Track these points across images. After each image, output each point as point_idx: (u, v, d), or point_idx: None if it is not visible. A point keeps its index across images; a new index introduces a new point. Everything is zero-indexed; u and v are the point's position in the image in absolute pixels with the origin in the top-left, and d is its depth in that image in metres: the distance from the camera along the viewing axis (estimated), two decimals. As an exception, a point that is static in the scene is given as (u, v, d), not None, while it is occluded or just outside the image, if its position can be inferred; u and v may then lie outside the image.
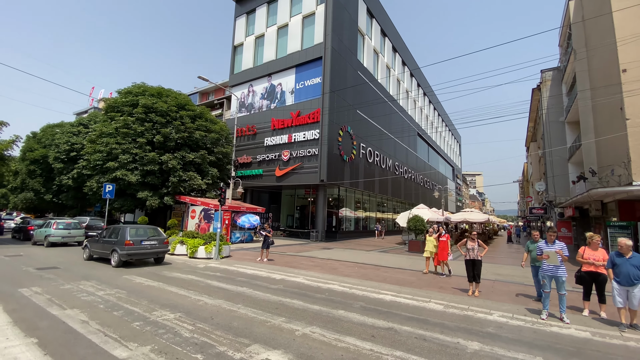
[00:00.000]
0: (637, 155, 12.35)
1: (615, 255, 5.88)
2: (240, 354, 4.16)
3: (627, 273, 5.58)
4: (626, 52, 13.05)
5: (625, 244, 5.79)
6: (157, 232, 12.19)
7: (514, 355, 4.40)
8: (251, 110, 27.44)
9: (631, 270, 5.57)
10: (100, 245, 11.75)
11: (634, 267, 5.58)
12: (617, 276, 5.75)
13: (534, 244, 7.39)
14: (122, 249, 10.71)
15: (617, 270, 5.74)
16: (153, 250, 11.45)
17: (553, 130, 23.26)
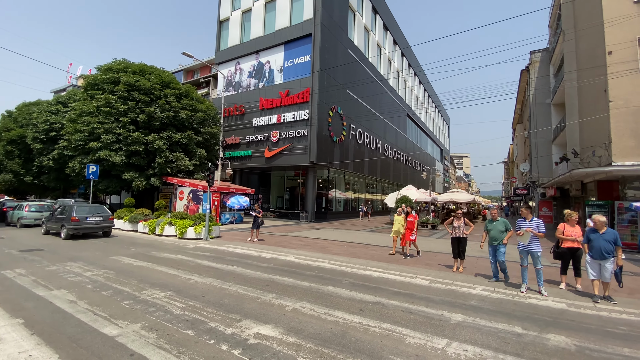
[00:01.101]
0: (617, 137, 12.71)
1: (590, 231, 6.15)
2: (231, 329, 4.24)
3: (599, 247, 5.88)
4: (612, 34, 13.14)
5: (599, 220, 6.04)
6: (102, 209, 14.01)
7: (494, 325, 4.63)
8: (239, 89, 26.73)
9: (603, 245, 5.86)
10: (53, 221, 13.52)
11: (607, 241, 5.86)
12: (590, 250, 6.04)
13: (492, 223, 7.19)
14: (70, 224, 12.52)
15: (591, 245, 6.03)
16: (98, 225, 13.32)
17: (539, 111, 23.58)
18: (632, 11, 12.89)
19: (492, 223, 7.21)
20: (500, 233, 6.98)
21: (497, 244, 6.96)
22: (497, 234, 6.99)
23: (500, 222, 7.09)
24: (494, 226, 7.11)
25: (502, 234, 6.97)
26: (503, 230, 6.99)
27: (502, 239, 6.90)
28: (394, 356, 3.61)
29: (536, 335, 4.31)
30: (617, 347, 4.02)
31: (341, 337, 4.06)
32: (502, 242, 6.88)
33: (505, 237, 6.93)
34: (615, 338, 4.30)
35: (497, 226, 7.06)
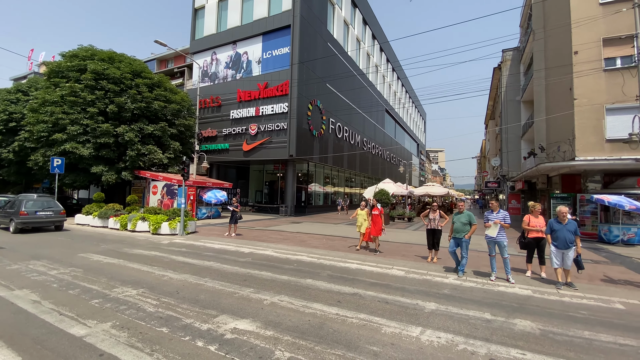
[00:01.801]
0: (581, 133, 13.48)
1: (554, 222, 6.45)
2: (207, 325, 4.17)
3: (564, 238, 6.20)
4: (579, 35, 13.82)
5: (562, 212, 6.37)
6: (53, 204, 13.89)
7: (465, 312, 4.83)
8: (215, 80, 25.98)
9: (567, 235, 6.19)
10: (2, 216, 13.46)
11: (570, 232, 6.20)
12: (555, 240, 6.33)
13: (457, 216, 7.15)
14: (18, 218, 12.47)
15: (555, 235, 6.33)
16: (49, 220, 13.28)
17: (510, 108, 24.59)
18: (598, 13, 13.58)
19: (457, 215, 7.21)
20: (464, 226, 6.99)
21: (459, 236, 6.97)
22: (461, 227, 7.01)
23: (464, 215, 7.06)
24: (458, 219, 7.12)
25: (465, 226, 6.98)
26: (466, 223, 6.99)
27: (465, 233, 6.91)
28: (370, 345, 3.68)
29: (504, 321, 4.54)
30: (578, 330, 4.30)
31: (319, 329, 4.09)
32: (464, 236, 6.91)
33: (468, 230, 6.93)
34: (576, 322, 4.60)
35: (461, 218, 7.06)
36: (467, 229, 6.94)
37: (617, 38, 13.16)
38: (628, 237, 12.50)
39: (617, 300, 5.63)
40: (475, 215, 7.55)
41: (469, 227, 6.94)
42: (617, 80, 12.94)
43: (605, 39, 13.39)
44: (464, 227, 6.96)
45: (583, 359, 3.52)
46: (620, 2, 13.07)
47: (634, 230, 12.33)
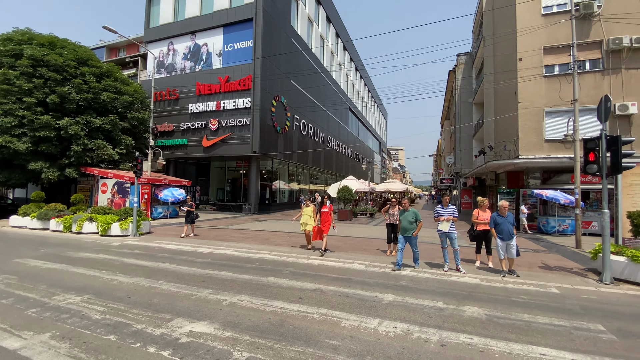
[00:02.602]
0: (524, 134, 14.72)
1: (497, 215, 6.96)
2: (161, 330, 3.95)
3: (507, 230, 6.75)
4: (523, 43, 15.04)
5: (502, 206, 6.91)
6: None
7: (420, 302, 5.07)
8: (172, 71, 24.61)
9: (509, 227, 6.76)
10: None
11: (510, 224, 6.78)
12: (500, 233, 6.83)
13: (404, 214, 7.18)
14: None
15: (499, 229, 6.83)
16: None
17: (463, 109, 26.18)
18: (540, 23, 14.86)
19: (403, 213, 7.21)
20: (410, 224, 7.05)
21: (407, 235, 7.07)
22: (407, 225, 7.07)
23: (410, 213, 7.12)
24: (404, 217, 7.13)
25: (412, 225, 7.06)
26: (413, 221, 7.06)
27: (413, 231, 7.02)
28: (329, 339, 3.73)
29: (455, 308, 4.83)
30: (519, 313, 4.71)
31: (279, 327, 4.06)
32: (412, 234, 7.02)
33: (415, 228, 7.04)
34: (517, 306, 5.03)
35: (408, 217, 7.10)
36: (414, 227, 7.06)
37: (556, 47, 14.51)
38: (563, 228, 13.93)
39: (553, 285, 6.24)
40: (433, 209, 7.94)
41: (416, 225, 7.08)
42: (555, 86, 14.29)
43: (545, 47, 14.71)
44: (411, 226, 7.06)
45: (522, 339, 3.85)
46: (560, 14, 14.42)
47: (568, 222, 13.76)
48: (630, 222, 7.16)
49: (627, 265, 6.50)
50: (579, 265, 8.01)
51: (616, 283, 6.40)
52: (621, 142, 6.50)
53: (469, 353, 3.49)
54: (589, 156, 6.88)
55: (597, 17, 13.92)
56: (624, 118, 13.49)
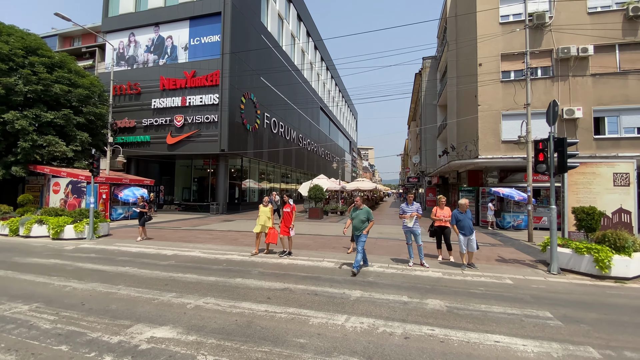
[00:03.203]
0: (483, 135, 15.59)
1: (458, 212, 7.30)
2: (119, 337, 3.74)
3: (468, 226, 7.13)
4: (483, 49, 15.92)
5: (463, 204, 7.28)
6: None
7: (386, 297, 5.22)
8: (133, 64, 23.29)
9: (469, 223, 7.14)
10: None
11: (470, 219, 7.18)
12: (461, 229, 7.16)
13: (356, 212, 6.98)
14: None
15: (461, 225, 7.17)
16: None
17: (428, 111, 27.25)
18: (498, 31, 15.80)
19: (355, 211, 7.01)
20: (362, 223, 6.85)
21: (358, 233, 6.85)
22: (359, 224, 6.87)
23: (362, 212, 6.92)
24: (356, 215, 6.94)
25: (364, 223, 6.85)
26: (364, 219, 6.87)
27: (363, 229, 6.79)
28: (297, 338, 3.73)
29: (418, 302, 5.03)
30: (477, 304, 4.99)
31: (246, 328, 3.99)
32: (362, 232, 6.78)
33: (366, 227, 6.82)
34: (475, 297, 5.33)
35: (360, 215, 6.91)
36: (365, 225, 6.82)
37: (512, 54, 15.52)
38: (517, 223, 14.96)
39: (507, 276, 6.68)
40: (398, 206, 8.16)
41: (367, 224, 6.85)
42: (510, 91, 15.29)
43: (503, 54, 15.69)
44: (362, 224, 6.85)
45: (479, 328, 4.09)
46: (515, 23, 15.42)
47: (522, 217, 14.80)
48: (575, 217, 7.83)
49: (571, 257, 7.12)
50: (531, 258, 8.65)
51: (562, 273, 6.99)
52: (567, 143, 7.09)
53: (430, 344, 3.65)
54: (539, 156, 7.44)
55: (549, 27, 15.06)
56: (571, 121, 14.73)
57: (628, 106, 14.28)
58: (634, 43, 14.31)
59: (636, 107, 14.20)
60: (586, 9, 14.82)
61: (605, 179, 8.32)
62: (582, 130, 14.57)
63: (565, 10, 14.88)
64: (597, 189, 8.35)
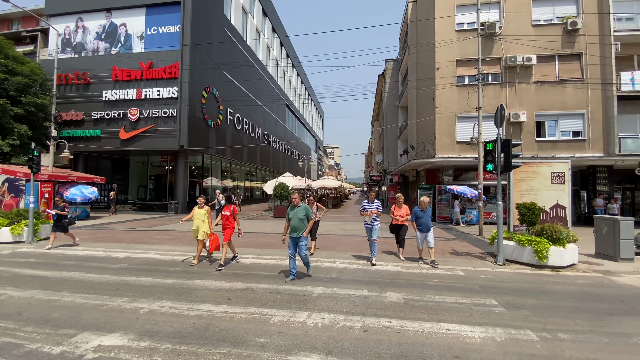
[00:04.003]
0: (440, 136, 16.44)
1: (418, 210, 7.57)
2: (61, 347, 3.44)
3: (426, 224, 7.43)
4: (440, 54, 16.75)
5: (423, 202, 7.56)
6: None
7: (347, 292, 5.35)
8: (81, 52, 21.44)
9: (428, 221, 7.44)
10: None
11: (429, 217, 7.44)
12: (419, 226, 7.48)
13: (293, 210, 6.04)
14: None
15: (420, 222, 7.48)
16: None
17: (390, 112, 28.17)
18: (454, 37, 16.71)
19: (293, 210, 6.07)
20: (301, 222, 5.95)
21: (297, 235, 5.94)
22: (298, 223, 5.93)
23: (300, 210, 6.02)
24: (294, 214, 6.01)
25: (303, 222, 5.97)
26: (303, 217, 5.99)
27: (303, 230, 5.93)
28: (257, 337, 3.69)
29: (377, 295, 5.21)
30: (431, 295, 5.28)
31: (204, 330, 3.87)
32: (302, 234, 5.93)
33: (306, 227, 5.99)
34: (430, 289, 5.63)
35: (298, 214, 5.99)
36: (304, 225, 5.99)
37: (466, 60, 16.50)
38: (469, 218, 16.00)
39: (459, 268, 7.13)
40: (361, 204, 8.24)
41: (307, 223, 6.05)
42: (464, 94, 16.27)
43: (458, 59, 16.63)
44: (301, 224, 5.95)
45: (433, 318, 4.33)
46: (470, 31, 16.39)
47: (474, 213, 15.85)
48: (518, 212, 8.56)
49: (515, 248, 7.77)
50: (480, 250, 9.31)
51: (508, 264, 7.61)
52: (511, 145, 7.71)
53: (388, 335, 3.80)
54: (487, 156, 8.02)
55: (499, 36, 16.22)
56: (516, 125, 16.02)
57: (565, 112, 15.84)
58: (571, 54, 15.89)
59: (572, 112, 15.78)
60: (531, 21, 16.17)
61: (544, 177, 9.17)
62: (526, 133, 15.91)
63: (513, 22, 16.12)
64: (537, 186, 9.17)
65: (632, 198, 17.25)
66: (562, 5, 16.14)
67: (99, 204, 21.81)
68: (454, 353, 3.40)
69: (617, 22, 15.50)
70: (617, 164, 15.79)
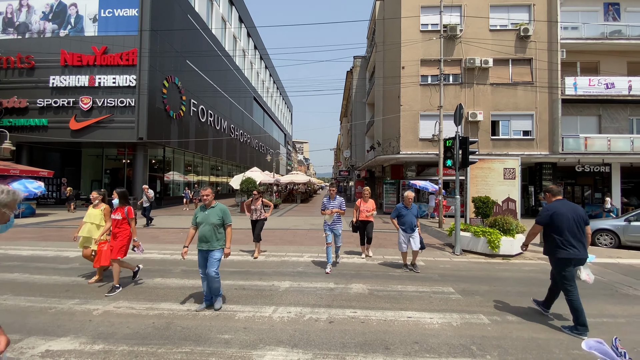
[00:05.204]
0: (404, 133, 16.99)
1: (402, 207, 6.48)
2: (4, 355, 3.14)
3: (410, 222, 6.34)
4: (405, 53, 17.24)
5: (408, 197, 6.48)
6: None
7: (314, 285, 5.41)
8: (25, 32, 19.40)
9: (413, 220, 6.36)
10: None
11: (414, 216, 6.41)
12: (402, 225, 6.38)
13: (204, 212, 4.32)
14: None
15: (403, 220, 6.37)
16: None
17: (358, 108, 28.63)
18: (418, 38, 17.24)
19: (204, 212, 4.33)
20: (213, 229, 4.22)
21: (207, 248, 4.21)
22: (209, 231, 4.20)
23: (214, 212, 4.30)
24: (205, 217, 4.26)
25: (217, 231, 4.26)
26: (218, 223, 4.26)
27: (218, 242, 4.25)
28: (221, 334, 3.63)
29: (343, 287, 5.33)
30: (394, 285, 5.49)
31: (165, 330, 3.73)
32: (218, 246, 4.25)
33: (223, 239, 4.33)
34: (393, 279, 5.86)
35: (210, 217, 4.25)
36: (219, 234, 4.28)
37: (429, 60, 17.13)
38: (431, 211, 16.76)
39: (420, 259, 7.46)
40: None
41: (223, 233, 4.35)
42: (427, 94, 16.92)
43: (422, 59, 17.23)
44: (214, 232, 4.22)
45: (395, 307, 4.52)
46: (433, 32, 17.00)
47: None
48: (474, 205, 9.14)
49: (471, 239, 8.30)
50: (440, 241, 9.84)
51: (464, 254, 8.11)
52: (469, 142, 8.18)
53: (353, 325, 3.91)
54: (447, 152, 8.44)
55: (459, 39, 17.01)
56: (474, 124, 16.99)
57: (517, 112, 17.05)
58: (523, 59, 17.10)
59: (523, 113, 17.03)
60: (488, 26, 17.14)
61: (498, 173, 9.85)
62: (482, 132, 16.94)
63: (472, 26, 16.99)
64: (491, 181, 9.83)
65: (572, 192, 19.08)
66: (516, 12, 17.28)
67: (46, 200, 20.05)
68: (414, 339, 3.58)
69: (564, 31, 16.92)
70: (560, 161, 17.35)
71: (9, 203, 1.88)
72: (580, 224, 3.98)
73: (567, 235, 3.94)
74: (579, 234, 3.96)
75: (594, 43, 16.65)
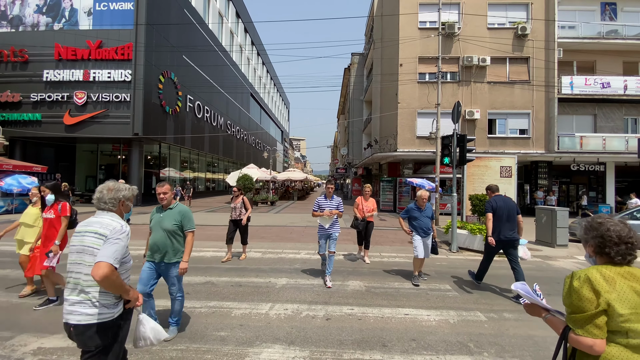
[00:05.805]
0: (401, 130, 16.99)
1: (414, 208, 5.61)
2: (-8, 353, 3.10)
3: (426, 225, 5.50)
4: (403, 50, 17.20)
5: (422, 197, 5.53)
6: None
7: (311, 282, 5.39)
8: (19, 25, 19.07)
9: (427, 223, 5.55)
10: None
11: (428, 218, 5.58)
12: (414, 229, 5.54)
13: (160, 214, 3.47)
14: None
15: (416, 224, 5.51)
16: None
17: (355, 105, 28.58)
18: (417, 35, 17.20)
19: (160, 214, 3.46)
20: (168, 235, 3.34)
21: (160, 259, 3.36)
22: (161, 238, 3.34)
23: (172, 214, 3.42)
24: (159, 220, 3.41)
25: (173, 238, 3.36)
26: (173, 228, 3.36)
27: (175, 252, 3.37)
28: (217, 331, 3.60)
29: (340, 284, 5.31)
30: (391, 282, 5.49)
31: (160, 326, 3.69)
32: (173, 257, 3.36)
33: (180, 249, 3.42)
34: (391, 276, 5.86)
35: (164, 221, 3.38)
36: (177, 243, 3.39)
37: (427, 57, 17.10)
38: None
39: (417, 256, 7.49)
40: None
41: (182, 241, 3.43)
42: (425, 91, 16.91)
43: (420, 57, 17.20)
44: (167, 241, 3.34)
45: (392, 304, 4.51)
46: (431, 29, 16.96)
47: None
48: (471, 203, 9.16)
49: (467, 237, 8.33)
50: (437, 239, 9.85)
51: (460, 251, 8.14)
52: (466, 140, 8.19)
53: (350, 322, 3.89)
54: (444, 150, 8.44)
55: (457, 37, 16.99)
56: (471, 122, 17.02)
57: (513, 111, 17.10)
58: (520, 58, 17.13)
59: (519, 112, 17.09)
60: (486, 24, 17.13)
61: (494, 171, 9.89)
62: (479, 130, 16.98)
63: (470, 24, 16.97)
64: (488, 179, 9.85)
65: (567, 191, 19.24)
66: (514, 11, 17.28)
67: (40, 196, 19.81)
68: (411, 336, 3.57)
69: (561, 30, 16.97)
70: (555, 160, 17.46)
71: (131, 197, 2.33)
72: (512, 214, 5.06)
73: (504, 222, 5.05)
74: (512, 221, 5.08)
75: (591, 42, 16.72)
